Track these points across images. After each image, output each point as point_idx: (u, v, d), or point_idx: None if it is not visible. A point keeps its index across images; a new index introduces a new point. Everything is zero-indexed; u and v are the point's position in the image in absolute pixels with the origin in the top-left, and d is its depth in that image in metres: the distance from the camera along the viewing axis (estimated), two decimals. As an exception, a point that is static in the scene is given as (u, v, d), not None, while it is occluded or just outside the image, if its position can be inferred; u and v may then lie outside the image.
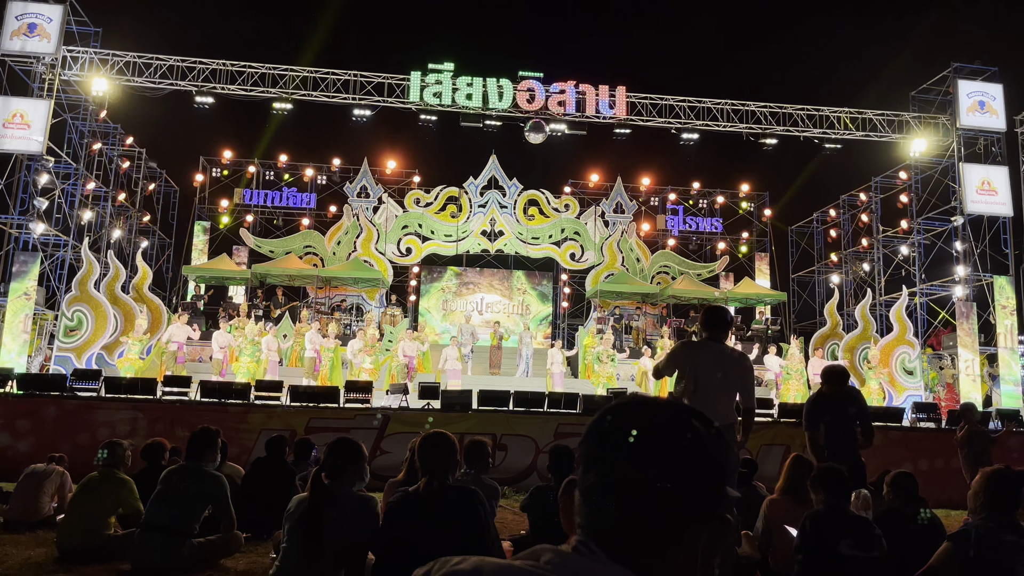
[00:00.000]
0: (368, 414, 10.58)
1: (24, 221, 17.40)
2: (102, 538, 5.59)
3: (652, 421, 0.99)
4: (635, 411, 1.01)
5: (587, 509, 0.99)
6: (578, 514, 1.00)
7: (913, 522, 4.68)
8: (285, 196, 25.56)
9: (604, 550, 0.95)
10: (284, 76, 20.08)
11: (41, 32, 18.07)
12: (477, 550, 1.06)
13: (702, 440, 0.98)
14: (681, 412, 1.01)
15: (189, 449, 5.36)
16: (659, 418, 1.00)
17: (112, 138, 21.76)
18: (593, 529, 0.97)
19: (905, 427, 12.64)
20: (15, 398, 10.37)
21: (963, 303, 19.41)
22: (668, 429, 0.98)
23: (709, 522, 0.96)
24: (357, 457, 4.01)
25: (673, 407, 1.02)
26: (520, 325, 22.80)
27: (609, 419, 1.02)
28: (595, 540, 0.96)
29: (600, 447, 1.00)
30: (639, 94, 21.08)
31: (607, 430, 1.01)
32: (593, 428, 1.03)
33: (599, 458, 1.00)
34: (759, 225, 27.46)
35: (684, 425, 0.99)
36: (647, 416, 1.00)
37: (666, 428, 0.99)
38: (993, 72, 20.61)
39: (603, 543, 0.96)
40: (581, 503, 1.00)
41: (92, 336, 15.95)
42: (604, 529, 0.96)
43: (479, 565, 0.96)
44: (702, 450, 0.98)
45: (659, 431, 0.98)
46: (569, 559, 0.95)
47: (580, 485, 1.01)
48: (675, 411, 1.01)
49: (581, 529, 0.99)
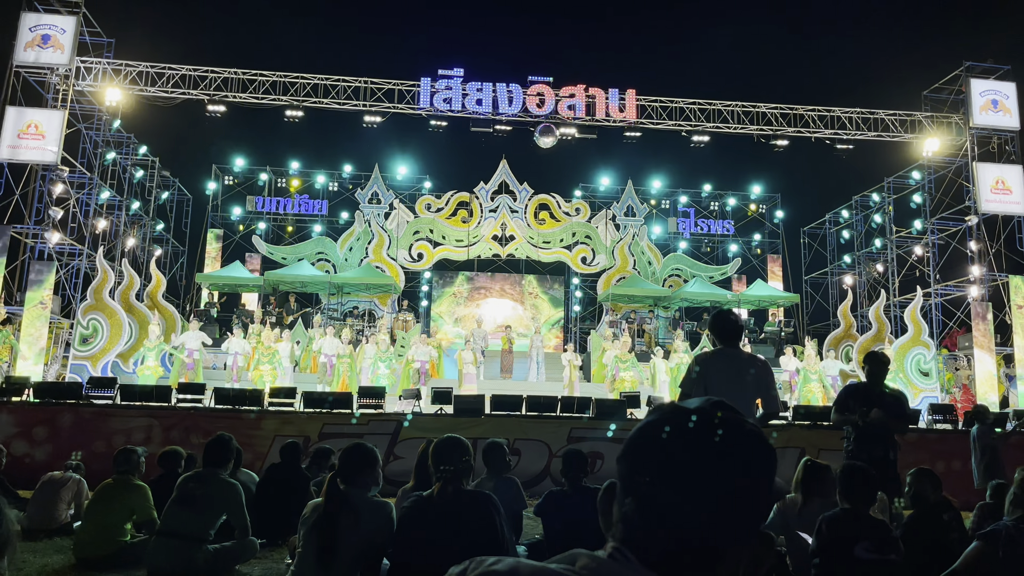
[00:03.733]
0: (381, 420, 10.60)
1: (39, 231, 17.55)
2: (118, 545, 5.62)
3: (694, 440, 0.95)
4: (676, 429, 0.97)
5: (625, 523, 0.97)
6: (617, 522, 0.98)
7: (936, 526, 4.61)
8: (297, 203, 25.71)
9: (639, 558, 0.93)
10: (295, 84, 20.19)
11: (55, 43, 18.25)
12: (493, 554, 1.05)
13: (742, 456, 0.95)
14: (727, 427, 0.96)
15: (205, 456, 5.39)
16: (701, 437, 0.95)
17: (126, 147, 21.94)
18: (630, 541, 0.96)
19: (921, 429, 12.54)
20: (32, 406, 10.45)
21: (978, 303, 19.25)
22: (712, 450, 0.94)
23: (751, 541, 0.94)
24: (372, 462, 4.01)
25: (717, 422, 0.97)
26: (531, 329, 22.74)
27: (644, 435, 0.98)
28: (631, 548, 0.95)
29: (638, 466, 0.97)
30: (649, 97, 21.06)
31: (642, 447, 0.98)
32: (631, 444, 1.00)
33: (637, 478, 0.97)
34: (771, 226, 27.36)
35: (730, 443, 0.95)
36: (688, 435, 0.96)
37: (709, 448, 0.94)
38: (1006, 70, 20.48)
39: (639, 553, 0.94)
40: (619, 514, 0.98)
41: (107, 344, 16.07)
42: (640, 543, 0.95)
43: (515, 566, 0.95)
44: (748, 470, 0.94)
45: (701, 452, 0.94)
46: (604, 565, 0.94)
47: (619, 499, 0.99)
48: (720, 427, 0.96)
49: (617, 537, 0.98)
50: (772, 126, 21.08)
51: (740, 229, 27.25)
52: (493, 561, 0.97)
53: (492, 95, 20.51)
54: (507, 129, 20.94)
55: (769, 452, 0.98)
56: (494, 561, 0.97)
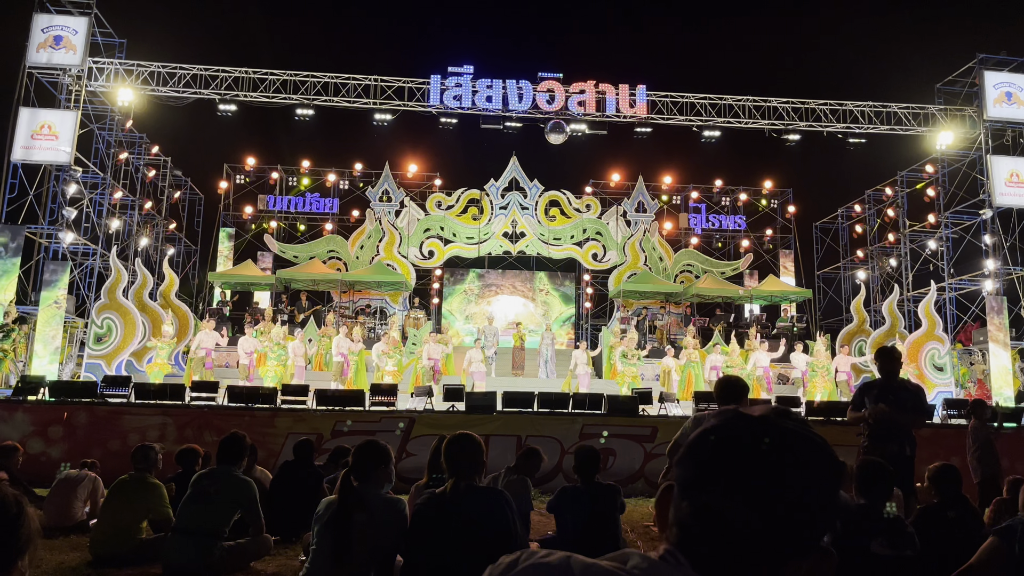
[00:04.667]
0: (394, 417, 10.63)
1: (54, 231, 17.68)
2: (134, 542, 5.66)
3: (757, 448, 0.92)
4: (738, 436, 0.94)
5: (680, 527, 0.95)
6: (672, 525, 0.97)
7: (952, 521, 4.57)
8: (308, 201, 25.77)
9: (692, 563, 0.92)
10: (305, 82, 20.24)
11: (67, 44, 18.36)
12: (505, 551, 1.05)
13: (805, 466, 0.92)
14: (791, 436, 0.93)
15: (219, 454, 5.42)
16: (765, 445, 0.93)
17: (138, 147, 22.08)
18: (684, 545, 0.94)
19: (936, 424, 12.46)
20: (47, 405, 10.53)
21: (993, 297, 19.10)
22: (775, 458, 0.92)
23: (810, 556, 0.91)
24: (385, 459, 4.02)
25: (782, 430, 0.94)
26: (542, 326, 22.75)
27: (709, 445, 0.96)
28: (684, 552, 0.93)
29: (697, 472, 0.95)
30: (659, 92, 20.99)
31: (702, 453, 0.96)
32: (691, 449, 0.98)
33: (693, 482, 0.95)
34: (783, 222, 27.23)
35: (794, 452, 0.93)
36: (751, 442, 0.93)
37: (773, 457, 0.92)
38: (1020, 63, 20.27)
39: (692, 557, 0.92)
40: (675, 517, 0.96)
41: (121, 343, 16.18)
42: (694, 548, 0.93)
43: (567, 560, 0.94)
44: (812, 481, 0.92)
45: (764, 460, 0.92)
46: (656, 566, 0.92)
47: (675, 503, 0.97)
48: (784, 435, 0.93)
49: (672, 540, 0.96)
50: (784, 120, 20.98)
51: (752, 224, 27.12)
52: (545, 554, 0.96)
53: (502, 92, 20.49)
54: (517, 126, 20.92)
55: (835, 463, 0.95)
56: (546, 554, 0.96)
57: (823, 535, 0.92)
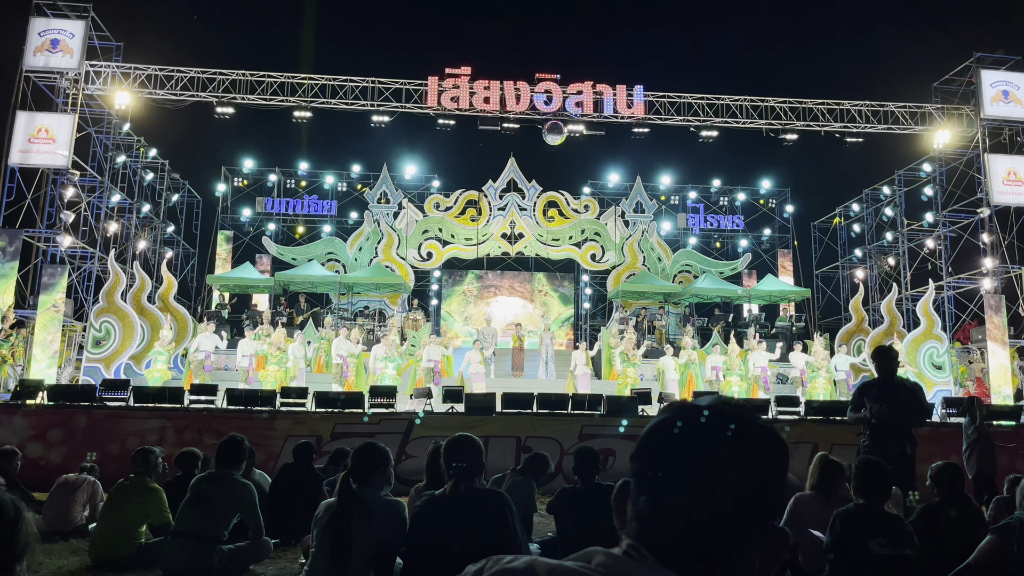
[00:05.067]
0: (393, 419, 10.62)
1: (51, 234, 17.65)
2: (133, 546, 5.66)
3: (706, 436, 0.96)
4: (688, 425, 0.98)
5: (640, 520, 0.98)
6: (631, 519, 0.99)
7: (954, 520, 4.57)
8: (306, 204, 25.77)
9: (655, 555, 0.94)
10: (303, 85, 20.23)
11: (64, 48, 18.34)
12: (505, 552, 1.05)
13: (755, 451, 0.96)
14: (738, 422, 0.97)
15: (218, 457, 5.42)
16: (714, 432, 0.96)
17: (135, 150, 22.05)
18: (645, 538, 0.96)
19: (935, 423, 12.46)
20: (46, 409, 10.52)
21: (991, 296, 19.11)
22: (724, 445, 0.95)
23: (766, 536, 0.95)
24: (384, 462, 4.02)
25: (729, 417, 0.97)
26: (541, 327, 22.74)
27: (657, 433, 0.99)
28: (646, 545, 0.96)
29: (652, 463, 0.99)
30: (657, 93, 20.99)
31: (656, 445, 0.99)
32: (644, 442, 1.01)
33: (649, 474, 0.98)
34: (781, 221, 27.24)
35: (742, 438, 0.96)
36: (701, 430, 0.97)
37: (722, 444, 0.95)
38: (1017, 61, 20.29)
39: (654, 549, 0.95)
40: (633, 512, 0.99)
41: (120, 347, 16.16)
42: (655, 540, 0.96)
43: (532, 564, 0.96)
44: (761, 465, 0.95)
45: (714, 447, 0.95)
46: (620, 562, 0.94)
47: (633, 497, 1.00)
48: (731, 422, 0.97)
49: (632, 534, 0.98)
50: (781, 120, 20.98)
51: (750, 224, 27.15)
52: (510, 559, 0.98)
53: (499, 93, 20.48)
54: (515, 127, 20.91)
55: (781, 446, 0.99)
56: (511, 559, 0.98)
57: (775, 517, 0.96)
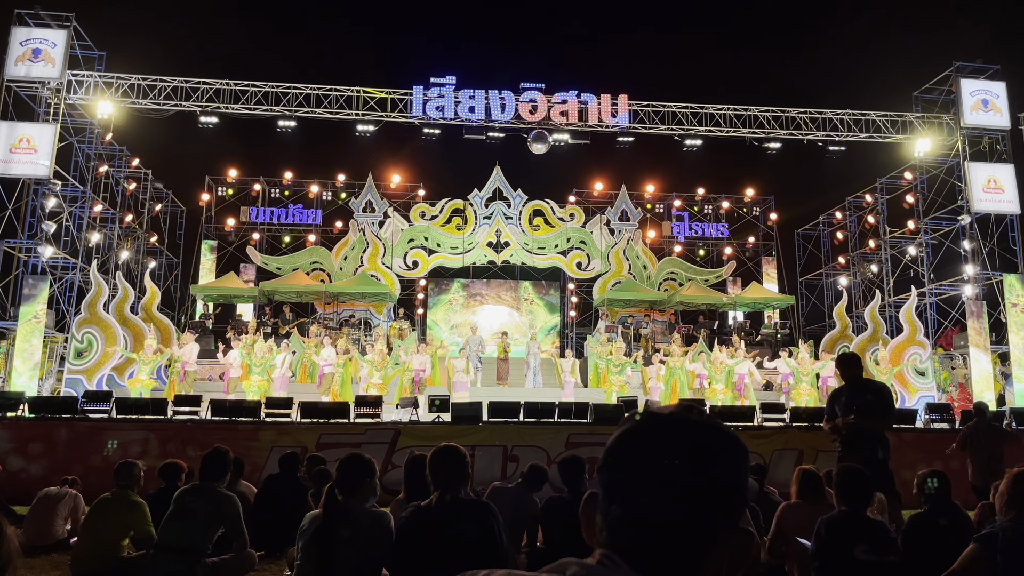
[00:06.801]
0: (379, 428, 10.58)
1: (32, 245, 17.50)
2: (116, 560, 5.59)
3: (667, 442, 1.00)
4: (650, 433, 1.02)
5: (610, 529, 1.00)
6: (602, 529, 1.01)
7: (944, 529, 4.58)
8: (291, 213, 25.68)
9: (628, 563, 0.96)
10: (287, 94, 20.19)
11: (46, 57, 18.24)
12: (492, 563, 1.06)
13: (717, 455, 1.00)
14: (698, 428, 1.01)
15: (202, 469, 5.37)
16: (674, 438, 1.00)
17: (118, 160, 21.91)
18: (617, 545, 0.99)
19: (919, 428, 12.56)
20: (27, 421, 10.41)
21: (973, 302, 19.31)
22: (685, 449, 0.99)
23: (732, 537, 0.98)
24: (369, 473, 4.00)
25: (689, 423, 1.02)
26: (527, 335, 22.77)
27: (623, 444, 1.03)
28: (618, 552, 0.98)
29: (618, 472, 1.02)
30: (641, 102, 21.11)
31: (623, 456, 1.02)
32: (610, 453, 1.04)
33: (617, 484, 1.01)
34: (765, 229, 27.42)
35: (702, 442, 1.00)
36: (662, 437, 1.01)
37: (682, 448, 0.99)
38: (995, 70, 20.57)
39: (626, 556, 0.97)
40: (603, 522, 1.01)
41: (102, 358, 16.02)
42: (627, 547, 0.98)
43: None
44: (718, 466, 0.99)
45: (675, 452, 0.99)
46: (594, 571, 0.96)
47: (602, 508, 1.02)
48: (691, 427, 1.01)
49: (604, 543, 1.00)
50: (764, 129, 21.14)
51: (734, 232, 27.29)
52: (485, 573, 0.98)
53: (485, 102, 20.52)
54: (500, 136, 20.96)
55: (739, 448, 1.03)
56: (486, 573, 0.98)
57: (739, 518, 0.99)
